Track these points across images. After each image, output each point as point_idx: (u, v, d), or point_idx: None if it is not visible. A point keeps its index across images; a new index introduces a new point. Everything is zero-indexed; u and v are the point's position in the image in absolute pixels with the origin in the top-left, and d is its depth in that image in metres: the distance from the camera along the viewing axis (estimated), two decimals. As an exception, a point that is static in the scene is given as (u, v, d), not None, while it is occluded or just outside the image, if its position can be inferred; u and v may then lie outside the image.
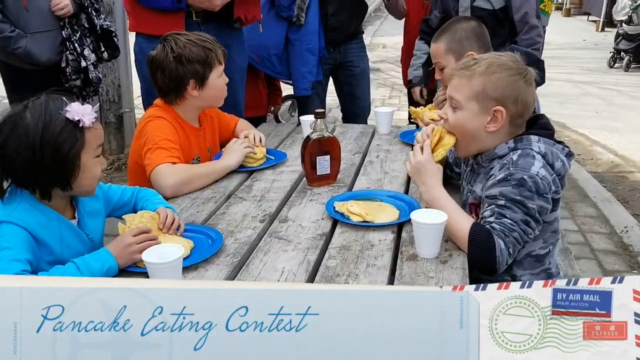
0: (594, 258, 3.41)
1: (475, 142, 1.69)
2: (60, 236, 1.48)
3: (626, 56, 8.98)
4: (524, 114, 1.62)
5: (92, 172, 1.48)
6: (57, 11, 3.19)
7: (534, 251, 1.64)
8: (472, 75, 1.62)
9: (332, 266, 1.50)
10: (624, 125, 6.15)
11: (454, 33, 2.38)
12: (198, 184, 2.03)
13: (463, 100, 1.65)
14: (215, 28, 2.78)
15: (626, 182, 4.64)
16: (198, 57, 2.07)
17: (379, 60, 9.77)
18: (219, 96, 2.21)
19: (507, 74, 1.59)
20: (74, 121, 1.41)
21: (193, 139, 2.20)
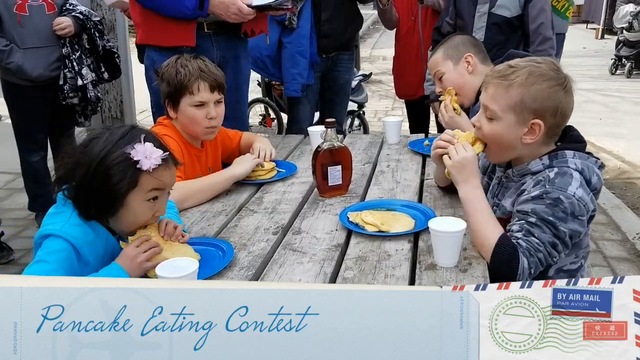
0: (607, 265, 3.36)
1: (510, 151, 1.63)
2: (103, 254, 1.44)
3: (628, 63, 8.97)
4: (562, 124, 1.57)
5: (136, 215, 1.45)
6: (58, 31, 3.21)
7: (565, 266, 1.59)
8: (511, 85, 1.55)
9: (350, 277, 1.46)
10: (628, 131, 6.12)
11: (448, 42, 2.41)
12: (198, 199, 2.00)
13: (500, 111, 1.58)
14: (225, 40, 2.77)
15: (635, 189, 4.60)
16: (168, 78, 2.05)
17: (380, 72, 9.77)
18: (191, 126, 2.09)
19: (547, 85, 1.52)
20: (133, 160, 1.38)
21: (196, 159, 2.18)
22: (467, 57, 2.33)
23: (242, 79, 2.99)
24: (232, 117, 2.82)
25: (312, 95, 3.52)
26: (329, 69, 3.53)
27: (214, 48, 2.77)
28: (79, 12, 3.32)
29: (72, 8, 3.33)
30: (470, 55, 2.32)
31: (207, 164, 2.27)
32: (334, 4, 3.33)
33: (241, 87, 2.99)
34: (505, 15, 2.94)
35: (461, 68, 2.33)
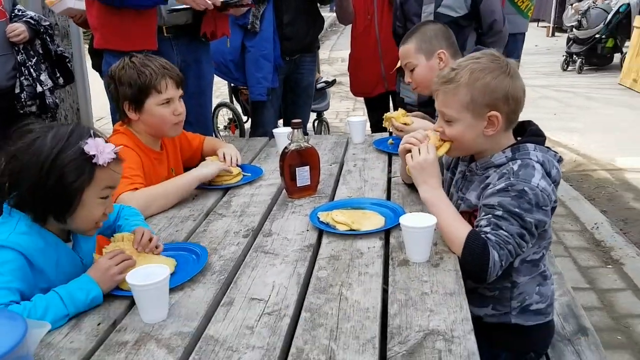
0: (568, 255, 3.46)
1: (474, 146, 1.66)
2: (56, 261, 1.40)
3: (578, 59, 9.25)
4: (517, 109, 1.60)
5: (91, 212, 1.41)
6: (13, 37, 3.10)
7: (529, 256, 1.62)
8: (457, 87, 1.59)
9: (324, 277, 1.46)
10: (582, 125, 6.31)
11: (423, 33, 2.39)
12: (163, 203, 1.97)
13: (455, 113, 1.62)
14: (186, 44, 2.73)
15: (591, 180, 4.74)
16: (129, 80, 2.00)
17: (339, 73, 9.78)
18: (160, 125, 2.08)
19: (491, 76, 1.56)
20: (88, 155, 1.34)
21: (156, 162, 2.14)
22: (440, 54, 2.34)
23: (205, 83, 2.96)
24: (196, 122, 2.78)
25: (275, 98, 3.50)
26: (291, 72, 3.53)
27: (174, 52, 2.73)
28: (29, 17, 3.22)
29: (22, 14, 3.22)
30: (443, 52, 2.33)
31: (169, 166, 2.23)
32: (295, 7, 3.33)
33: (204, 91, 2.96)
34: (451, 15, 2.98)
35: (433, 63, 2.34)
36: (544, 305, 1.66)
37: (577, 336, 1.86)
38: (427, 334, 1.19)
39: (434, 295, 1.33)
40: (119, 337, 1.24)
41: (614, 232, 3.71)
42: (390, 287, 1.40)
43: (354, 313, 1.28)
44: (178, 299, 1.38)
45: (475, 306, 1.65)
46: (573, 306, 2.03)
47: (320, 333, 1.21)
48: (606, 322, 2.79)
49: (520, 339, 1.68)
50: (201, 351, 1.18)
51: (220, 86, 7.74)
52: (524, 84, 1.62)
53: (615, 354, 2.52)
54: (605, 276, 3.22)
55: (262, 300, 1.36)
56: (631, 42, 8.47)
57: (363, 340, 1.18)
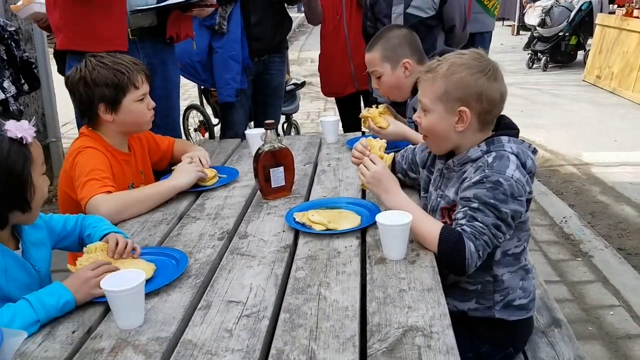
0: (538, 249, 3.52)
1: (447, 141, 1.68)
2: (4, 269, 1.37)
3: (543, 57, 9.44)
4: (492, 110, 1.62)
5: (41, 191, 1.42)
6: None
7: (510, 250, 1.64)
8: (435, 77, 1.62)
9: (302, 277, 1.45)
10: (548, 121, 6.44)
11: (387, 41, 2.41)
12: (138, 209, 1.93)
13: (429, 103, 1.65)
14: (151, 46, 2.69)
15: (558, 175, 4.84)
16: (106, 80, 1.97)
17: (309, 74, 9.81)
18: (138, 121, 2.09)
19: (467, 72, 1.58)
20: (17, 139, 1.33)
21: (125, 164, 2.11)
22: (405, 64, 2.36)
23: (171, 85, 2.92)
24: (164, 124, 2.74)
25: (245, 99, 3.48)
26: (261, 73, 3.51)
27: (140, 54, 2.68)
28: None
29: None
30: (408, 61, 2.36)
31: (138, 168, 2.20)
32: (263, 7, 3.32)
33: (171, 94, 2.92)
34: (420, 15, 3.01)
35: (399, 72, 2.38)
36: (526, 300, 1.69)
37: (551, 328, 1.89)
38: (407, 330, 1.19)
39: (412, 292, 1.34)
40: (94, 345, 1.21)
41: (582, 226, 3.79)
42: (368, 285, 1.40)
43: (333, 312, 1.28)
44: (154, 304, 1.36)
45: (459, 300, 1.67)
46: (546, 299, 2.07)
47: (300, 333, 1.21)
48: (577, 314, 2.85)
49: (504, 334, 1.70)
50: (179, 356, 1.16)
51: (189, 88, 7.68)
52: (505, 89, 1.63)
53: (587, 345, 2.57)
54: (575, 269, 3.29)
55: (240, 302, 1.35)
56: (594, 39, 8.68)
57: (343, 339, 1.18)
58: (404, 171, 1.99)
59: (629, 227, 3.80)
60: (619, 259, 3.34)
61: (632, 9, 7.83)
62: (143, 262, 1.51)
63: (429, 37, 3.04)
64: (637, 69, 7.27)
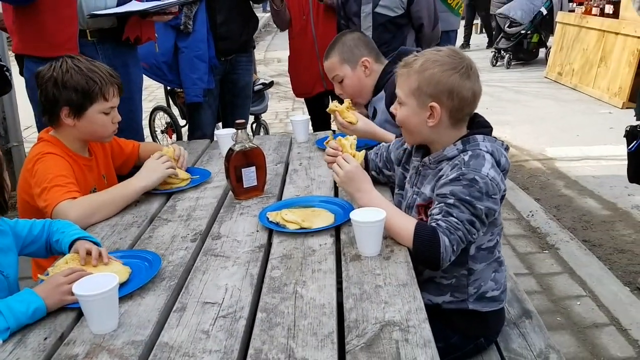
0: (507, 243, 3.58)
1: (419, 135, 1.72)
2: None
3: (506, 54, 9.61)
4: (463, 107, 1.63)
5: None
6: None
7: (484, 244, 1.67)
8: (409, 72, 1.65)
9: (277, 276, 1.45)
10: (513, 118, 6.56)
11: (342, 44, 2.45)
12: (107, 212, 1.90)
13: (404, 97, 1.68)
14: (112, 47, 2.64)
15: (524, 170, 4.93)
16: (76, 85, 1.93)
17: (276, 74, 9.79)
18: (98, 133, 2.05)
19: (439, 69, 1.61)
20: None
21: (86, 169, 2.07)
22: (364, 62, 2.39)
23: (134, 87, 2.87)
24: (127, 128, 2.68)
25: (212, 100, 3.46)
26: (228, 72, 3.49)
27: (100, 56, 2.62)
28: None
29: None
30: (366, 60, 2.39)
31: (100, 172, 2.16)
32: (228, 6, 3.30)
33: (133, 96, 2.86)
34: (389, 14, 3.05)
35: (359, 72, 2.41)
36: (498, 292, 1.72)
37: (522, 319, 1.93)
38: (384, 325, 1.20)
39: (388, 287, 1.35)
40: (68, 351, 1.19)
41: (548, 219, 3.88)
42: (344, 282, 1.40)
43: (310, 310, 1.28)
44: (127, 308, 1.34)
45: (434, 294, 1.69)
46: (516, 291, 2.11)
47: (278, 332, 1.21)
48: (546, 305, 2.91)
49: (476, 324, 1.73)
50: (156, 359, 1.15)
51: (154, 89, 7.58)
52: (479, 88, 1.65)
53: (556, 334, 2.63)
54: (543, 261, 3.37)
55: (216, 303, 1.34)
56: (554, 37, 8.88)
57: (321, 336, 1.18)
58: (378, 169, 2.00)
59: (592, 219, 3.90)
60: (584, 251, 3.43)
61: (590, 7, 8.03)
62: (118, 265, 1.48)
63: (398, 36, 3.07)
64: (596, 65, 7.47)
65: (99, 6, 2.56)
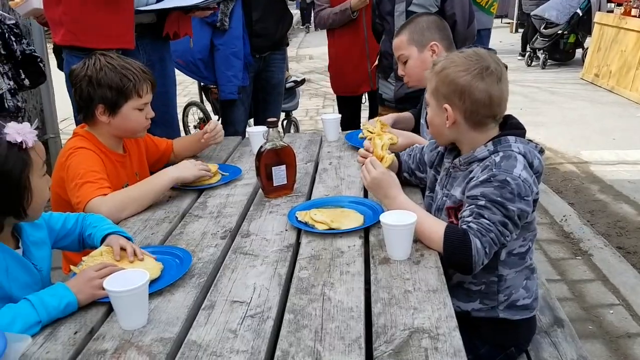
0: (538, 248, 3.51)
1: (442, 135, 1.72)
2: (5, 268, 1.36)
3: (542, 54, 9.43)
4: (478, 109, 1.59)
5: (42, 194, 1.40)
6: None
7: (515, 250, 1.64)
8: (431, 73, 1.66)
9: (305, 277, 1.44)
10: (548, 119, 6.44)
11: (415, 24, 2.38)
12: (138, 206, 1.92)
13: (428, 97, 1.69)
14: (150, 42, 2.68)
15: (558, 174, 4.84)
16: (111, 82, 1.95)
17: (307, 71, 9.81)
18: (133, 129, 2.07)
19: (453, 70, 1.59)
20: (16, 143, 1.30)
21: (119, 165, 2.09)
22: (432, 46, 2.32)
23: (169, 82, 2.91)
24: (162, 122, 2.73)
25: (246, 97, 3.47)
26: (261, 70, 3.50)
27: (140, 51, 2.66)
28: None
29: None
30: (435, 44, 2.32)
31: (133, 169, 2.18)
32: (264, 3, 3.30)
33: (169, 90, 2.90)
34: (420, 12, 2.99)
35: (426, 56, 2.33)
36: (530, 300, 1.68)
37: (554, 328, 1.89)
38: (413, 332, 1.18)
39: (417, 293, 1.33)
40: (97, 346, 1.20)
41: (582, 224, 3.79)
42: (372, 285, 1.39)
43: (338, 313, 1.27)
44: (157, 304, 1.35)
45: (463, 301, 1.66)
46: (548, 298, 2.06)
47: (305, 335, 1.20)
48: (578, 313, 2.85)
49: (507, 333, 1.69)
50: (184, 357, 1.15)
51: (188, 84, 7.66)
52: (499, 91, 1.60)
53: (588, 344, 2.57)
54: (575, 267, 3.29)
55: (244, 302, 1.34)
56: (592, 37, 8.68)
57: (348, 340, 1.17)
58: (410, 170, 1.98)
59: (627, 226, 3.80)
60: (619, 258, 3.35)
61: (629, 7, 7.83)
62: (152, 261, 1.49)
63: None
64: (634, 67, 7.28)
65: (142, 2, 2.59)
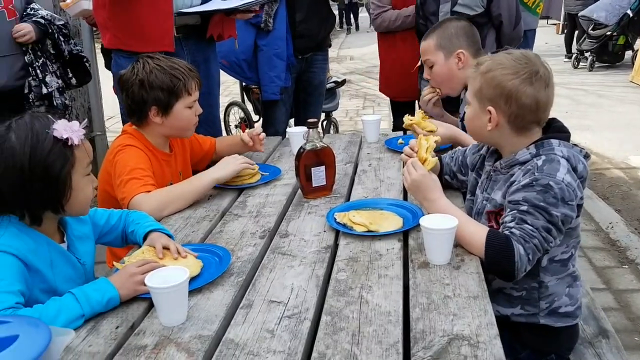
0: (583, 255, 3.41)
1: (482, 137, 1.71)
2: (50, 261, 1.40)
3: (589, 56, 9.17)
4: (524, 114, 1.56)
5: (84, 192, 1.43)
6: (18, 38, 3.07)
7: (557, 256, 1.60)
8: (476, 73, 1.62)
9: (343, 279, 1.44)
10: (594, 123, 6.26)
11: (444, 30, 2.37)
12: (180, 204, 1.95)
13: (470, 97, 1.66)
14: (195, 43, 2.72)
15: (604, 179, 4.69)
16: (162, 84, 1.98)
17: (348, 71, 9.79)
18: (185, 127, 2.11)
19: (500, 72, 1.56)
20: (62, 140, 1.34)
21: (165, 164, 2.13)
22: (459, 54, 2.31)
23: (213, 82, 2.95)
24: (205, 122, 2.77)
25: (287, 97, 3.48)
26: (304, 70, 3.51)
27: (184, 51, 2.71)
28: (40, 16, 3.19)
29: (34, 13, 3.20)
30: (462, 52, 2.30)
31: (177, 169, 2.22)
32: (308, 4, 3.31)
33: (213, 91, 2.94)
34: (468, 13, 2.95)
35: (451, 63, 2.32)
36: (573, 307, 1.64)
37: (598, 339, 1.83)
38: (452, 338, 1.16)
39: (457, 299, 1.31)
40: (137, 341, 1.22)
41: (629, 232, 3.67)
42: (411, 290, 1.37)
43: (376, 317, 1.26)
44: (196, 302, 1.36)
45: (503, 306, 1.63)
46: (593, 308, 2.00)
47: (342, 337, 1.19)
48: (623, 323, 2.76)
49: (547, 339, 1.65)
50: (222, 355, 1.16)
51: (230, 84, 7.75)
52: (546, 96, 1.56)
53: (633, 356, 2.49)
54: (622, 276, 3.19)
55: (282, 302, 1.34)
56: (643, 39, 8.40)
57: (386, 345, 1.16)
58: (452, 173, 1.95)
59: (678, 235, 3.66)
60: (668, 268, 3.23)
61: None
62: (192, 258, 1.52)
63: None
64: (688, 70, 7.01)
65: (186, 4, 2.64)
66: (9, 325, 1.00)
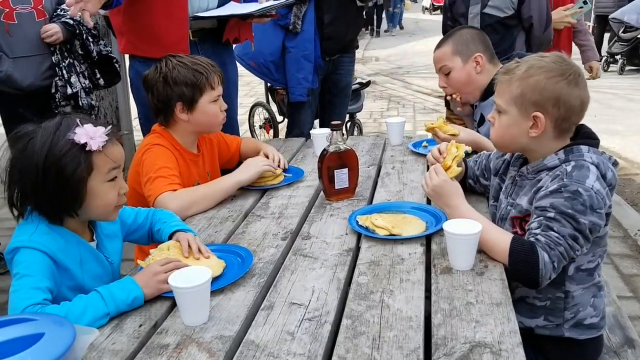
0: (610, 262, 3.35)
1: (517, 144, 1.64)
2: (80, 259, 1.42)
3: (620, 59, 9.00)
4: (570, 117, 1.54)
5: (103, 198, 1.42)
6: (46, 38, 3.12)
7: (583, 265, 1.57)
8: (512, 79, 1.58)
9: (364, 283, 1.43)
10: (624, 127, 6.14)
11: (459, 36, 2.38)
12: (204, 205, 1.97)
13: (504, 104, 1.60)
14: (211, 47, 2.73)
15: (633, 185, 4.60)
16: (185, 79, 2.01)
17: (373, 73, 9.76)
18: (210, 123, 2.12)
19: (545, 76, 1.52)
20: (79, 144, 1.34)
21: (192, 164, 2.15)
22: (476, 57, 2.32)
23: (231, 85, 2.95)
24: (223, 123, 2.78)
25: (313, 99, 3.48)
26: (330, 72, 3.50)
27: (200, 55, 2.72)
28: (69, 17, 3.24)
29: (63, 14, 3.25)
30: (480, 55, 2.31)
31: (205, 169, 2.23)
32: (336, 6, 3.30)
33: (230, 93, 2.94)
34: (498, 15, 2.93)
35: (469, 67, 2.33)
36: (597, 318, 1.61)
37: (624, 348, 1.80)
38: (474, 346, 1.15)
39: (480, 306, 1.29)
40: (160, 340, 1.24)
41: (659, 239, 3.59)
42: (433, 295, 1.36)
43: (397, 322, 1.25)
44: (218, 302, 1.37)
45: (526, 317, 1.61)
46: (619, 317, 1.97)
47: (362, 342, 1.19)
48: (651, 333, 2.69)
49: (572, 353, 1.63)
50: (242, 356, 1.17)
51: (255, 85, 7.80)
52: (588, 96, 1.55)
53: (661, 367, 2.43)
54: (650, 285, 3.12)
55: (303, 305, 1.35)
56: (676, 42, 8.21)
57: (407, 350, 1.15)
58: (475, 177, 1.93)
59: None
60: (698, 277, 3.15)
61: None
62: (215, 258, 1.53)
63: (507, 38, 2.95)
64: None
65: (202, 7, 2.65)
66: (35, 323, 1.02)
